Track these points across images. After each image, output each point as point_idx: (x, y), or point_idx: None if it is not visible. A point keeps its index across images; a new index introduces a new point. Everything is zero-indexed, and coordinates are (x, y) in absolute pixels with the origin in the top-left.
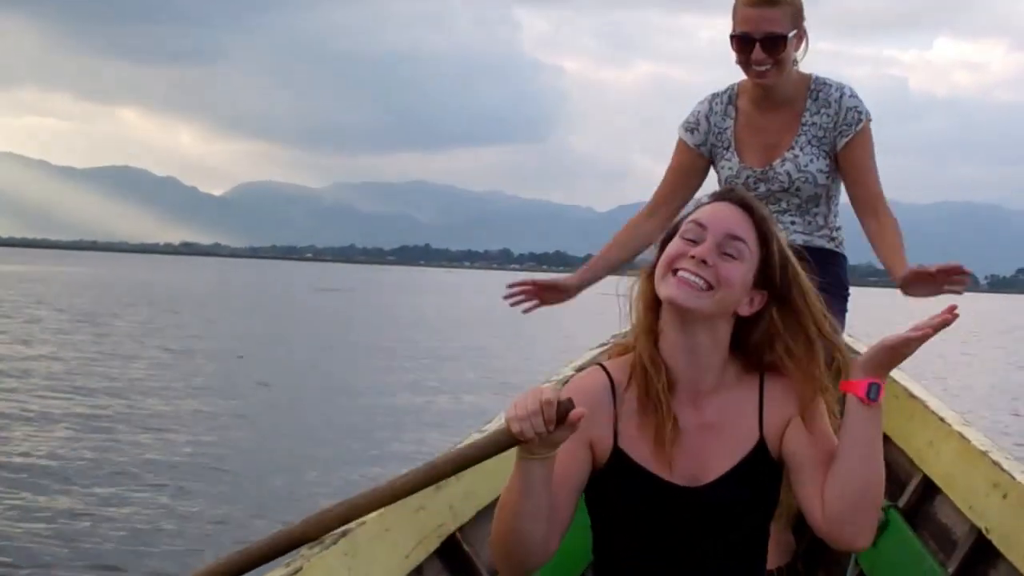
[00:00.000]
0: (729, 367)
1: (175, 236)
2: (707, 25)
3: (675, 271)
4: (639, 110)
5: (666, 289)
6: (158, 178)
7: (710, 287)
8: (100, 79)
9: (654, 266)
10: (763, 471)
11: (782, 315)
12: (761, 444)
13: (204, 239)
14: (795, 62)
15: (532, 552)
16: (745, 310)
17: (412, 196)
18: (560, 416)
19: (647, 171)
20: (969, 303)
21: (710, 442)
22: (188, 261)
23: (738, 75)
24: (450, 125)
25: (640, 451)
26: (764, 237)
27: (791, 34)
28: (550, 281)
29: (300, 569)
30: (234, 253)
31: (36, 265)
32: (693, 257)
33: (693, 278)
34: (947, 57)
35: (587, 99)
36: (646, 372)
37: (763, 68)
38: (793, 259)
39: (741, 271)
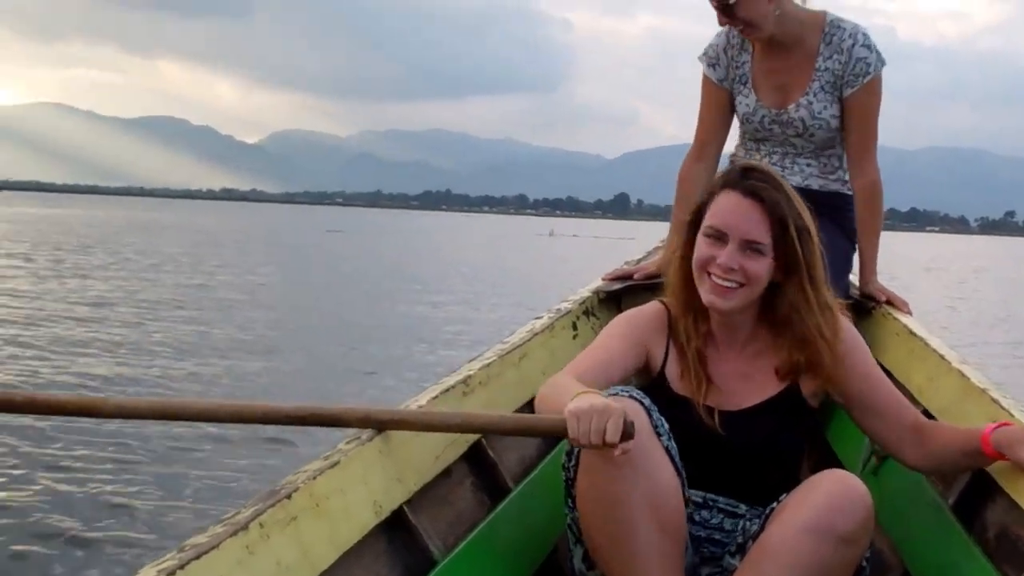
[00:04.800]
0: (762, 321)
1: (216, 183)
2: None
3: (708, 273)
4: (642, 60)
5: (705, 294)
6: (196, 127)
7: (741, 285)
8: (142, 32)
9: (685, 244)
10: (791, 408)
11: (794, 281)
12: (793, 387)
13: (242, 185)
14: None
15: None
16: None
17: (432, 144)
18: (621, 438)
19: (651, 118)
20: (964, 244)
21: (742, 385)
22: (227, 206)
23: None
24: (464, 75)
25: (679, 383)
26: (780, 222)
27: None
28: (647, 272)
29: (338, 462)
30: (270, 199)
31: (87, 209)
32: (720, 263)
33: (725, 282)
34: (932, 6)
35: (593, 50)
36: (686, 331)
37: (739, 29)
38: (809, 225)
39: (765, 265)
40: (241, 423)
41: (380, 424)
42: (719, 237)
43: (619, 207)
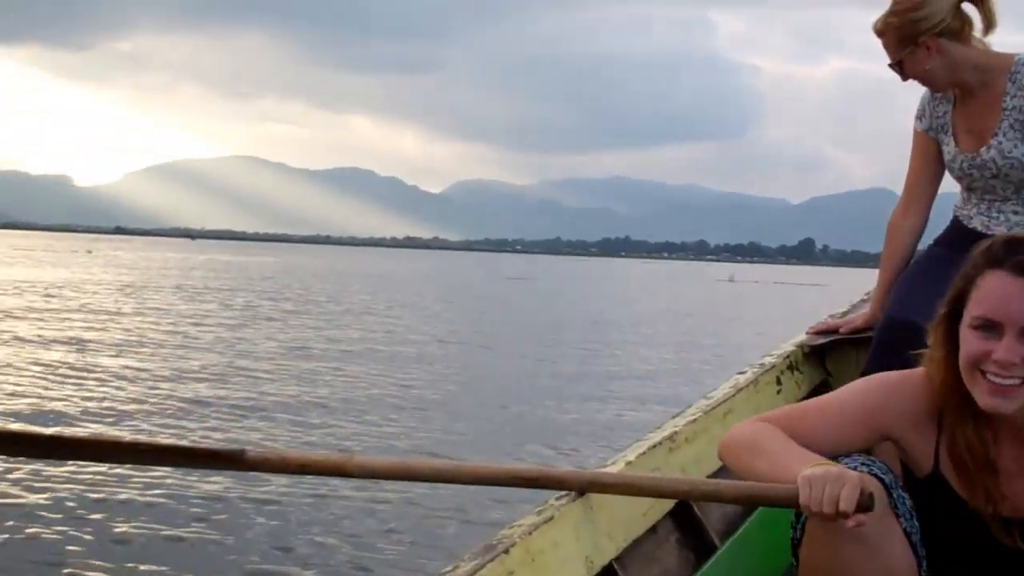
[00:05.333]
0: None
1: (399, 231)
2: None
3: (982, 371)
4: (830, 104)
5: (981, 397)
6: (382, 178)
7: (1022, 381)
8: (332, 88)
9: (945, 340)
10: None
11: None
12: None
13: (425, 233)
14: (980, 45)
15: None
16: None
17: (612, 191)
18: (856, 508)
19: (838, 162)
20: None
21: None
22: (411, 254)
23: None
24: (648, 124)
25: (959, 481)
26: None
27: (907, 51)
28: (854, 327)
29: (552, 518)
30: (451, 246)
31: (278, 256)
32: (998, 359)
33: (1006, 380)
34: None
35: (780, 95)
36: (968, 445)
37: (921, 82)
38: None
39: None
40: (465, 483)
41: (601, 488)
42: (992, 328)
43: (804, 252)
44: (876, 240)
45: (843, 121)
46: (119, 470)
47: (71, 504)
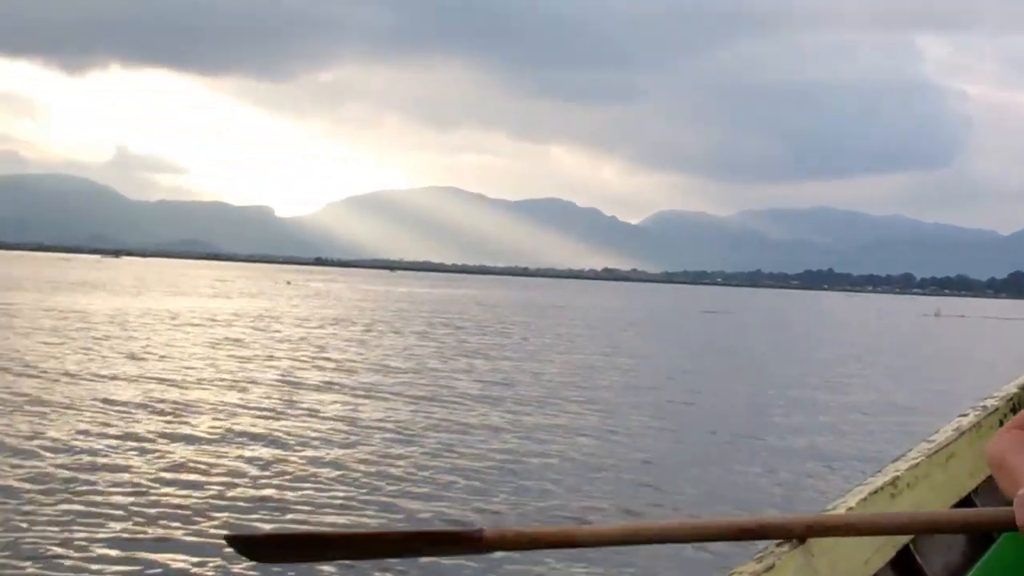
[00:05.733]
0: None
1: (597, 262)
2: None
3: None
4: None
5: None
6: (582, 209)
7: None
8: (531, 118)
9: None
10: None
11: None
12: None
13: (623, 265)
14: None
15: None
16: None
17: (815, 222)
18: None
19: None
20: None
21: None
22: (609, 286)
23: None
24: (852, 153)
25: None
26: None
27: None
28: None
29: (772, 566)
30: (650, 278)
31: (478, 288)
32: None
33: None
34: None
35: (989, 122)
36: None
37: None
38: None
39: None
40: (689, 542)
41: (823, 531)
42: None
43: (1015, 286)
44: None
45: None
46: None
47: None
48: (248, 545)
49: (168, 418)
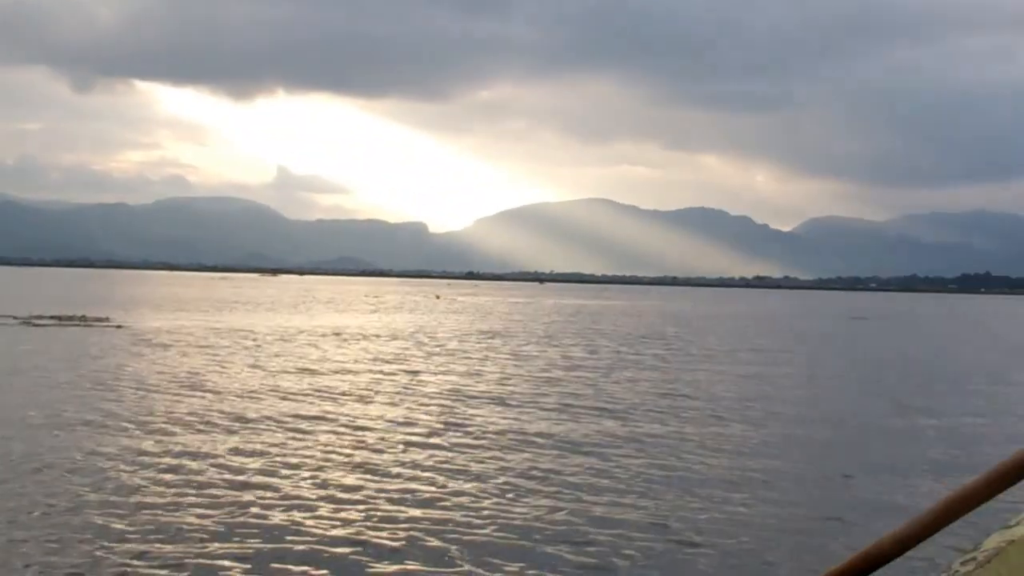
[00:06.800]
0: None
1: (749, 270)
2: None
3: None
4: None
5: None
6: (733, 217)
7: None
8: (682, 128)
9: None
10: None
11: None
12: None
13: (775, 272)
14: None
15: None
16: None
17: (973, 226)
18: None
19: None
20: None
21: None
22: (759, 294)
23: None
24: (1010, 155)
25: None
26: None
27: None
28: None
29: None
30: (802, 285)
31: (626, 299)
32: None
33: None
34: None
35: None
36: None
37: None
38: None
39: None
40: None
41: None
42: None
43: None
44: None
45: None
46: None
47: None
48: None
49: (359, 434)
